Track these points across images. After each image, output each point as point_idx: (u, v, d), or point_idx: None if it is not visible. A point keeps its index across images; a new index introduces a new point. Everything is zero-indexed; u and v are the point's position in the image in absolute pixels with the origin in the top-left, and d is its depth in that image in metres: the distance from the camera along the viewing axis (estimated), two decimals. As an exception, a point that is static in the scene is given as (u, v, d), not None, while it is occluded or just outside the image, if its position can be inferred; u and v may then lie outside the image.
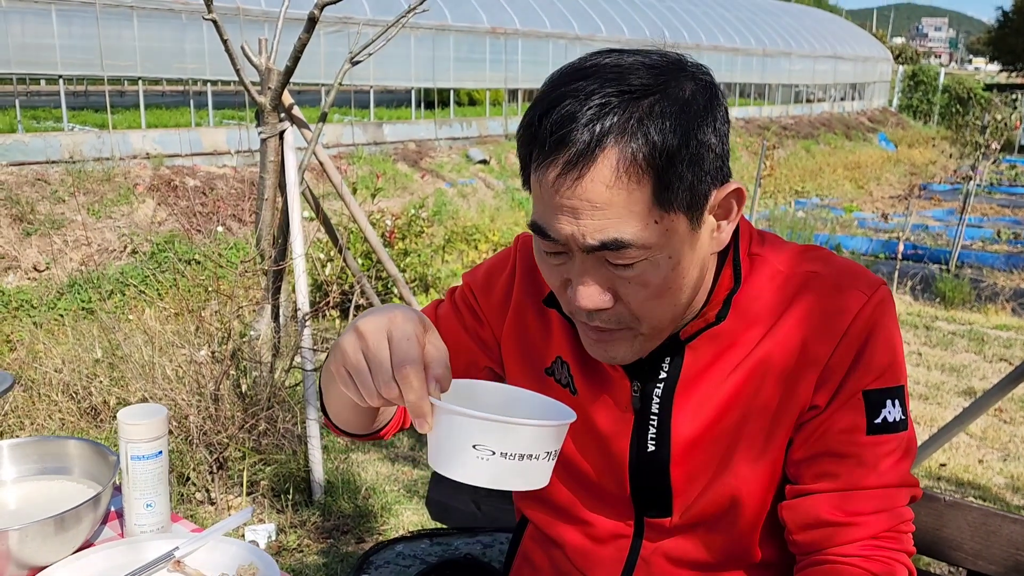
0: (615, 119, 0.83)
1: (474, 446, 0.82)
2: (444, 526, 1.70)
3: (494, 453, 0.82)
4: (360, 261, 5.44)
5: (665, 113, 0.84)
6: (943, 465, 3.65)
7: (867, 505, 0.97)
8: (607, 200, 0.84)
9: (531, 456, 0.83)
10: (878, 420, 0.97)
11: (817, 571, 0.98)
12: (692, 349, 1.01)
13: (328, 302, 5.26)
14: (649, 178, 0.84)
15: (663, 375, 1.02)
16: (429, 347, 0.84)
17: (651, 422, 1.03)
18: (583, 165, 0.84)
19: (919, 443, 3.15)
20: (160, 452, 1.15)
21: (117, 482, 1.22)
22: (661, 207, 0.86)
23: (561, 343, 1.09)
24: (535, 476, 0.85)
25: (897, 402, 0.98)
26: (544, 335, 1.11)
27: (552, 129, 0.85)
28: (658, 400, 1.02)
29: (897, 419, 0.98)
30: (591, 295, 0.91)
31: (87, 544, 1.14)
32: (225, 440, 3.09)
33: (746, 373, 0.99)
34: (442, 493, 1.80)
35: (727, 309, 0.99)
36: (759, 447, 1.00)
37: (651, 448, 1.04)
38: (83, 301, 5.71)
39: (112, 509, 1.25)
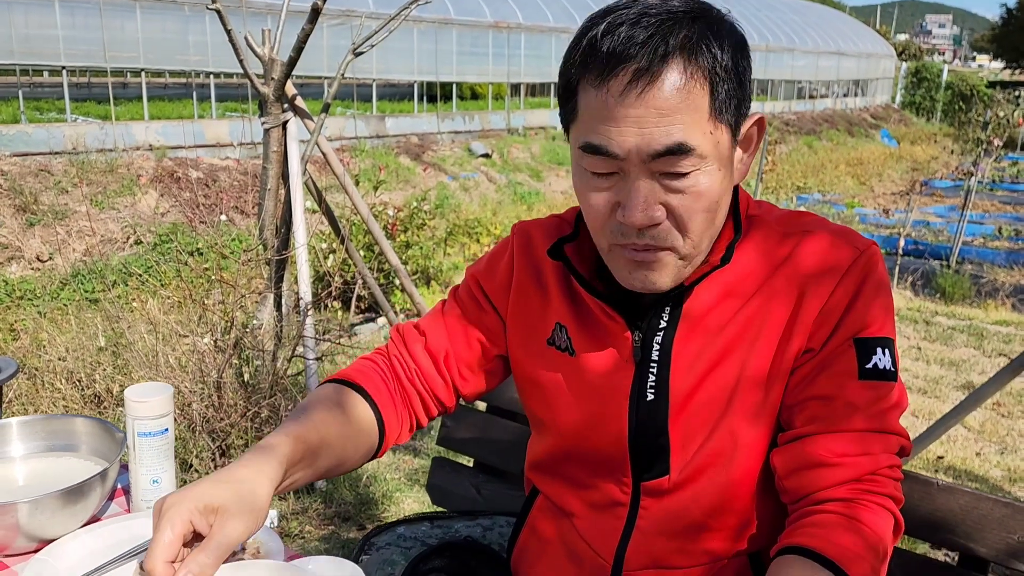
0: (681, 32, 0.90)
1: None
2: (445, 510, 1.72)
3: None
4: (362, 253, 5.46)
5: (720, 33, 0.93)
6: (940, 458, 3.67)
7: (854, 447, 0.98)
8: (673, 106, 0.89)
9: None
10: (869, 365, 0.99)
11: (802, 522, 0.97)
12: (692, 298, 1.04)
13: (330, 292, 5.28)
14: (708, 88, 0.91)
15: (663, 324, 1.05)
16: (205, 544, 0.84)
17: (651, 370, 1.06)
18: (653, 72, 0.89)
19: (916, 436, 3.18)
20: (166, 429, 1.17)
21: (124, 460, 1.24)
22: (716, 117, 0.92)
23: (559, 308, 1.12)
24: None
25: (887, 352, 1.00)
26: (543, 306, 1.14)
27: (615, 46, 0.90)
28: (658, 347, 1.05)
29: (887, 367, 1.00)
30: (646, 208, 0.94)
31: (94, 519, 1.16)
32: (228, 428, 3.11)
33: (743, 324, 1.03)
34: (443, 479, 1.82)
35: (730, 254, 1.03)
36: (758, 400, 1.03)
37: (650, 397, 1.06)
38: (86, 291, 5.73)
39: (119, 486, 1.27)
